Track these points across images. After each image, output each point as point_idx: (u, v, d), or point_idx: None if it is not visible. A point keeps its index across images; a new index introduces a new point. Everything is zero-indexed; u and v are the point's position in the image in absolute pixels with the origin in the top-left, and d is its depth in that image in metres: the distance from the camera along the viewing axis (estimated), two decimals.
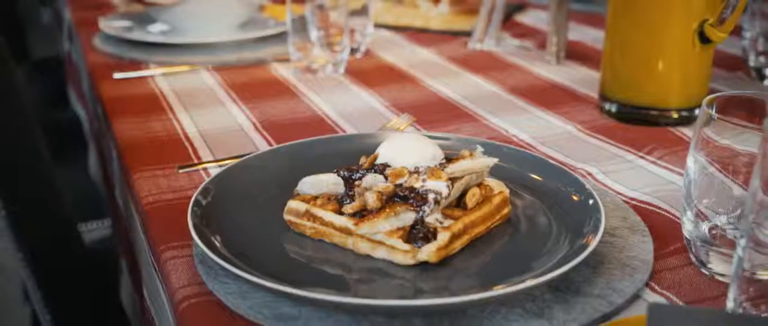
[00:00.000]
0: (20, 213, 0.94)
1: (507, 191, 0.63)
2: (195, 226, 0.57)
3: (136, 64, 1.10)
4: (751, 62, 1.03)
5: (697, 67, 0.85)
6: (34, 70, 2.24)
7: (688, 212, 0.57)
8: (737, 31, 1.20)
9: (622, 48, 0.86)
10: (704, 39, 0.82)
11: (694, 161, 0.56)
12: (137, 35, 1.17)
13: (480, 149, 0.63)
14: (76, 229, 1.11)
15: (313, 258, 0.58)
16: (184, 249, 0.60)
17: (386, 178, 0.59)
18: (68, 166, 1.45)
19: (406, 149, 0.61)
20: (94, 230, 1.43)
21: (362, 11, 1.16)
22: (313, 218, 0.59)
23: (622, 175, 0.74)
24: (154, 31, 1.20)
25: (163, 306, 0.60)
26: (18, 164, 0.96)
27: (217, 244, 0.56)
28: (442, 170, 0.59)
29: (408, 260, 0.55)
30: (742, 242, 0.46)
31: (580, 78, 1.04)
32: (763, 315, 0.45)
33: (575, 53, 1.15)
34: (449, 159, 0.61)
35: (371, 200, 0.57)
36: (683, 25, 0.82)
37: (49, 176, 1.00)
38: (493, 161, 0.61)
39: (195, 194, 0.61)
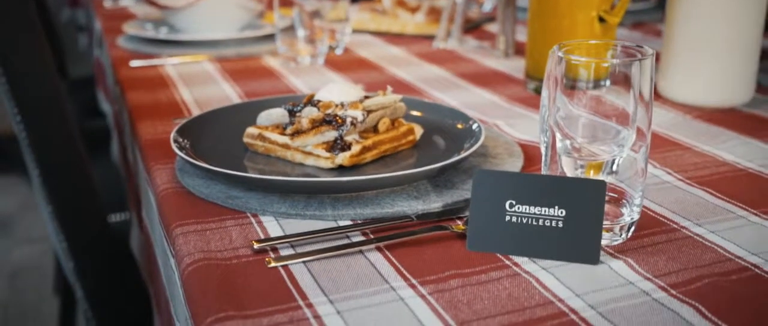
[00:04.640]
0: (61, 196, 1.15)
1: (417, 128, 0.82)
2: (175, 140, 0.77)
3: (150, 57, 1.31)
4: None
5: None
6: (72, 87, 2.52)
7: (543, 136, 0.76)
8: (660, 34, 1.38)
9: (538, 39, 1.06)
10: (602, 20, 1.01)
11: (546, 93, 0.75)
12: (153, 34, 1.39)
13: (390, 89, 0.83)
14: (103, 209, 1.31)
15: (263, 169, 0.77)
16: (168, 163, 0.80)
17: (319, 109, 0.78)
18: (95, 164, 1.67)
19: (336, 91, 0.80)
20: (116, 222, 1.65)
21: (344, 18, 1.37)
22: (264, 139, 0.79)
23: (522, 126, 0.93)
24: (169, 31, 1.42)
25: (151, 204, 0.80)
26: (66, 162, 1.17)
27: (192, 153, 0.76)
28: (361, 103, 0.78)
29: (328, 164, 0.75)
30: (546, 142, 0.64)
31: (519, 67, 1.23)
32: (558, 175, 0.63)
33: (524, 51, 1.34)
34: (368, 97, 0.81)
35: (304, 123, 0.76)
36: (585, 14, 1.01)
37: (87, 172, 1.20)
38: (398, 97, 0.81)
39: (180, 123, 0.82)
